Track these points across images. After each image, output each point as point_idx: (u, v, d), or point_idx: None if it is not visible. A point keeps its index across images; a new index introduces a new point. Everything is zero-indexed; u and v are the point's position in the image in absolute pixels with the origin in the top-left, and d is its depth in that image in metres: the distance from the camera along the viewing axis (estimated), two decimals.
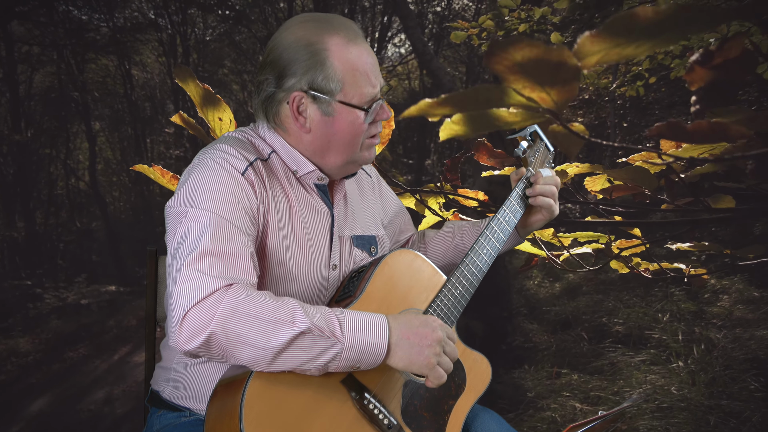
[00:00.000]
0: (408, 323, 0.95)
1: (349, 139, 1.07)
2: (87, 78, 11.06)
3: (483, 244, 1.14)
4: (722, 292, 4.25)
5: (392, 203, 1.36)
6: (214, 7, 9.92)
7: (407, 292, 1.08)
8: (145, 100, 12.69)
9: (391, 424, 0.98)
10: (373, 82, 1.06)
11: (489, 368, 1.14)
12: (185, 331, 0.87)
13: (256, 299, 0.89)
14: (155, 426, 1.14)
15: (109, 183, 13.66)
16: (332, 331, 0.90)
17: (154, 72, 12.82)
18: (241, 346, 0.87)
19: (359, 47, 1.05)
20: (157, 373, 1.20)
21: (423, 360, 0.93)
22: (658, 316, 3.99)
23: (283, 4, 10.43)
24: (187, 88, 1.45)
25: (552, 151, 1.29)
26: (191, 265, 0.91)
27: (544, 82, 0.63)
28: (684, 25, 0.52)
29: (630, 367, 3.38)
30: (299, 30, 1.05)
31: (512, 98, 0.66)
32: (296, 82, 1.04)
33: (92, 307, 8.63)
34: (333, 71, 1.03)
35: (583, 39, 0.56)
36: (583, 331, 4.08)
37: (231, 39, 11.51)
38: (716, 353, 3.32)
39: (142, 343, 1.42)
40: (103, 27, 10.03)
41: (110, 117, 12.24)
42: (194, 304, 0.88)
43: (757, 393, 2.88)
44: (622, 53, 0.56)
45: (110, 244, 10.56)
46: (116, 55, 10.44)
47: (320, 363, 0.90)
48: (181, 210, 0.99)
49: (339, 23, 1.06)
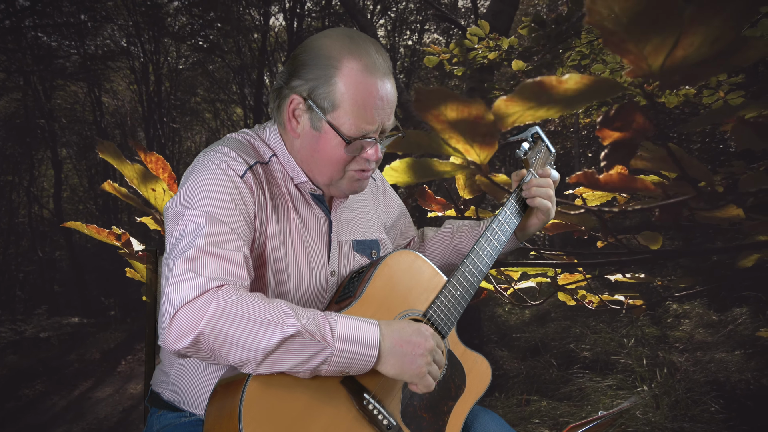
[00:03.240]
0: (400, 331, 0.94)
1: (328, 161, 1.05)
2: (55, 105, 10.86)
3: (483, 246, 1.13)
4: (684, 317, 4.39)
5: (396, 207, 1.35)
6: (188, 38, 9.97)
7: (407, 293, 1.07)
8: (115, 128, 12.50)
9: (390, 424, 0.97)
10: (371, 119, 1.02)
11: (489, 369, 1.14)
12: (174, 331, 0.87)
13: (246, 300, 0.89)
14: (155, 426, 1.13)
15: (76, 211, 13.27)
16: (323, 335, 0.89)
17: (125, 99, 12.69)
18: (229, 347, 0.87)
19: (374, 81, 1.01)
20: (157, 376, 1.18)
21: (414, 369, 0.93)
22: (623, 341, 4.09)
23: (257, 35, 10.57)
24: (120, 166, 1.47)
25: (553, 152, 1.29)
26: (184, 265, 0.91)
27: (466, 136, 0.68)
28: (587, 94, 0.59)
29: (597, 392, 3.43)
30: (329, 41, 1.04)
31: (440, 147, 0.72)
32: (300, 86, 1.03)
33: (52, 341, 8.26)
34: (334, 91, 1.01)
35: (498, 102, 0.61)
36: (552, 358, 4.14)
37: (204, 68, 11.54)
38: (679, 376, 3.41)
39: (104, 377, 1.40)
40: (73, 54, 9.93)
41: (78, 144, 11.99)
42: (184, 304, 0.87)
43: (718, 414, 2.97)
44: (536, 114, 0.63)
45: (75, 273, 10.20)
46: (86, 82, 10.31)
47: (309, 367, 0.89)
48: (179, 210, 0.98)
49: (367, 51, 1.02)
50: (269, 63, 10.53)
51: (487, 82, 3.91)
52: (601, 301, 1.58)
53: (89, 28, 9.37)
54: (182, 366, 1.11)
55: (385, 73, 1.04)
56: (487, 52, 3.39)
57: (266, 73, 10.74)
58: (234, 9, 9.51)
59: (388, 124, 1.06)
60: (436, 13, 8.19)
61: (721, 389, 3.16)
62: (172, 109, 12.21)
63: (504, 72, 6.49)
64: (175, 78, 11.60)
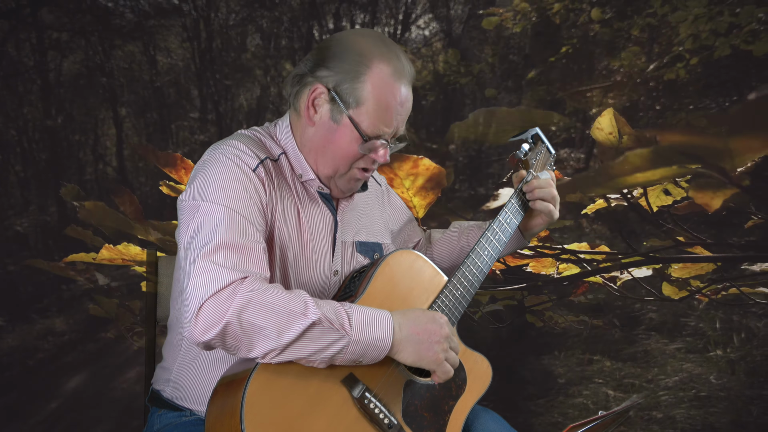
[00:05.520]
0: (416, 319, 0.97)
1: (341, 154, 1.08)
2: (114, 64, 11.21)
3: (484, 246, 1.15)
4: (764, 280, 4.10)
5: (402, 212, 1.37)
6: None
7: (408, 293, 1.09)
8: (170, 86, 12.82)
9: (391, 423, 0.99)
10: (389, 122, 1.07)
11: (489, 369, 1.16)
12: (201, 323, 0.88)
13: (269, 291, 0.91)
14: (155, 425, 1.16)
15: (135, 168, 13.94)
16: (341, 323, 0.92)
17: (178, 58, 12.93)
18: (255, 337, 0.89)
19: (399, 87, 1.06)
20: (158, 373, 1.21)
21: (432, 356, 0.96)
22: (693, 303, 3.88)
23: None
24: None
25: (553, 153, 1.30)
26: (206, 257, 0.92)
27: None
28: None
29: (665, 355, 3.30)
30: (361, 39, 1.08)
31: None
32: (327, 76, 1.06)
33: (122, 290, 8.87)
34: (361, 88, 1.05)
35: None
36: (615, 318, 4.00)
37: (254, 23, 11.51)
38: (756, 342, 3.22)
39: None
40: (127, 13, 10.12)
41: (136, 103, 12.43)
42: (210, 296, 0.89)
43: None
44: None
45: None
46: (141, 41, 10.54)
47: (327, 355, 0.92)
48: (194, 204, 1.00)
49: (397, 58, 1.07)
50: (318, 15, 10.36)
51: (552, 37, 3.66)
52: (740, 293, 1.43)
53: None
54: (184, 361, 1.13)
55: (409, 80, 1.10)
56: (552, 3, 3.16)
57: (315, 27, 10.60)
58: None
59: (401, 130, 1.11)
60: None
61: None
62: (224, 65, 12.34)
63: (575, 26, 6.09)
64: (225, 34, 11.66)
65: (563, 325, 1.76)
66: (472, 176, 3.87)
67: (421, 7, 11.79)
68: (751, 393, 2.76)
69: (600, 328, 3.99)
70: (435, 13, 5.42)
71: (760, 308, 3.81)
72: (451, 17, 8.97)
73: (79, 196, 1.31)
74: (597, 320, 4.19)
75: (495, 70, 6.47)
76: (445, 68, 7.50)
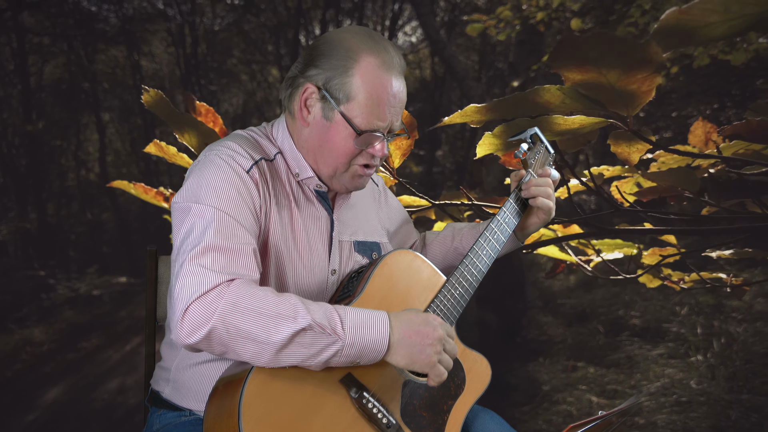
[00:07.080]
0: (409, 322, 0.95)
1: (336, 152, 1.06)
2: (97, 69, 11.08)
3: (482, 245, 1.14)
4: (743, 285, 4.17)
5: (398, 213, 1.36)
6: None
7: (406, 293, 1.08)
8: None
9: (390, 423, 0.97)
10: (383, 115, 1.04)
11: (488, 369, 1.15)
12: (187, 325, 0.88)
13: (257, 294, 0.89)
14: (155, 425, 1.14)
15: (119, 174, 13.73)
16: (333, 328, 0.90)
17: (162, 62, 12.81)
18: (242, 341, 0.88)
19: (390, 79, 1.04)
20: (157, 373, 1.20)
21: (424, 359, 0.94)
22: (676, 309, 3.93)
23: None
24: (168, 117, 1.40)
25: (552, 153, 1.28)
26: (194, 260, 0.91)
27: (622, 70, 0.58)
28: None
29: (647, 361, 3.33)
30: (348, 35, 1.06)
31: (576, 101, 0.62)
32: (316, 75, 1.04)
33: (104, 298, 8.70)
34: (350, 82, 1.03)
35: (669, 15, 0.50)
36: (599, 324, 4.03)
37: (240, 29, 11.46)
38: (736, 347, 3.27)
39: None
40: (111, 17, 10.02)
41: (120, 108, 12.28)
42: (196, 299, 0.88)
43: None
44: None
45: (121, 235, 10.63)
46: (125, 46, 10.44)
47: (321, 359, 0.90)
48: (186, 205, 0.99)
49: (385, 48, 1.05)
50: (305, 22, 10.35)
51: (536, 45, 3.70)
52: (700, 279, 1.45)
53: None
54: (183, 361, 1.11)
55: (399, 72, 1.06)
56: (536, 12, 3.20)
57: (302, 33, 10.59)
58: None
59: (396, 124, 1.08)
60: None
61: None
62: (209, 71, 12.27)
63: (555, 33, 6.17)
64: (211, 40, 11.60)
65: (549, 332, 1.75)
66: (460, 182, 3.87)
67: (408, 14, 11.64)
68: (730, 397, 2.80)
69: (584, 334, 4.02)
70: (421, 20, 5.45)
71: (740, 313, 3.87)
72: (437, 24, 8.93)
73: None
74: (581, 327, 4.22)
75: (481, 78, 6.50)
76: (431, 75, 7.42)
